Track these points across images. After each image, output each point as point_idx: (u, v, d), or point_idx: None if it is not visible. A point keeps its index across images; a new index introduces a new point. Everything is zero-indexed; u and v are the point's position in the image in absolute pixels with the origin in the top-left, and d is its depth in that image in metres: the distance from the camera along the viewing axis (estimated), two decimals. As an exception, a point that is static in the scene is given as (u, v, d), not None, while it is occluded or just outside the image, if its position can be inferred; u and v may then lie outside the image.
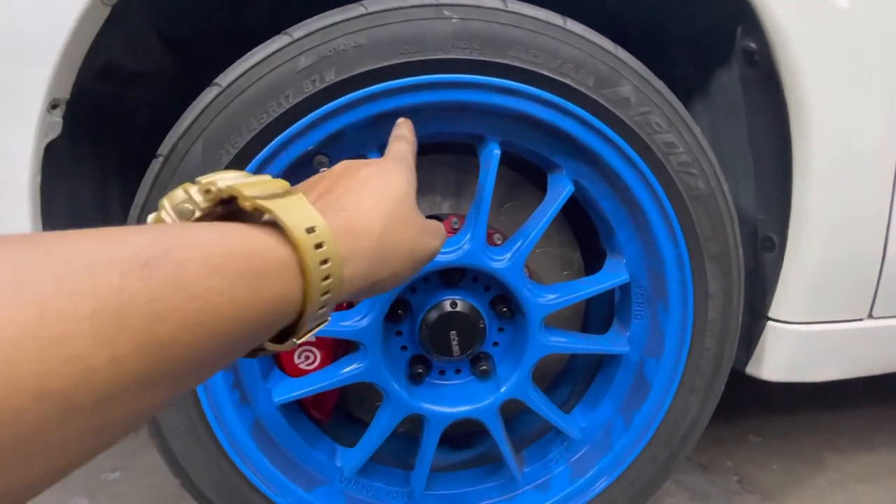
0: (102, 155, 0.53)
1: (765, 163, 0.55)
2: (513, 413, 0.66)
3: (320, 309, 0.21)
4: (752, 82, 0.52)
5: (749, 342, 0.61)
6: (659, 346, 0.53)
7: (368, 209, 0.25)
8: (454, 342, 0.51)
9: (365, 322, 0.48)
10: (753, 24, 0.48)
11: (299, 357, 0.54)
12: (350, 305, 0.51)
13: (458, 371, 0.56)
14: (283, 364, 0.54)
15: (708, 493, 0.90)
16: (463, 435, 0.66)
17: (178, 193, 0.20)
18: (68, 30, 0.43)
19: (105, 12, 0.44)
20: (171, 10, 0.53)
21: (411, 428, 0.60)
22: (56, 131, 0.46)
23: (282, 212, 0.20)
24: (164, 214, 0.20)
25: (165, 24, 0.54)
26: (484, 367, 0.55)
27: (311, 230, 0.21)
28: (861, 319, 0.58)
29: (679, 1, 0.53)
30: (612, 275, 0.52)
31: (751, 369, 0.62)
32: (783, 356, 0.59)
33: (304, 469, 0.54)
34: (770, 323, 0.59)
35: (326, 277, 0.21)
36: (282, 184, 0.23)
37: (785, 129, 0.51)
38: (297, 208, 0.21)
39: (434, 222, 0.31)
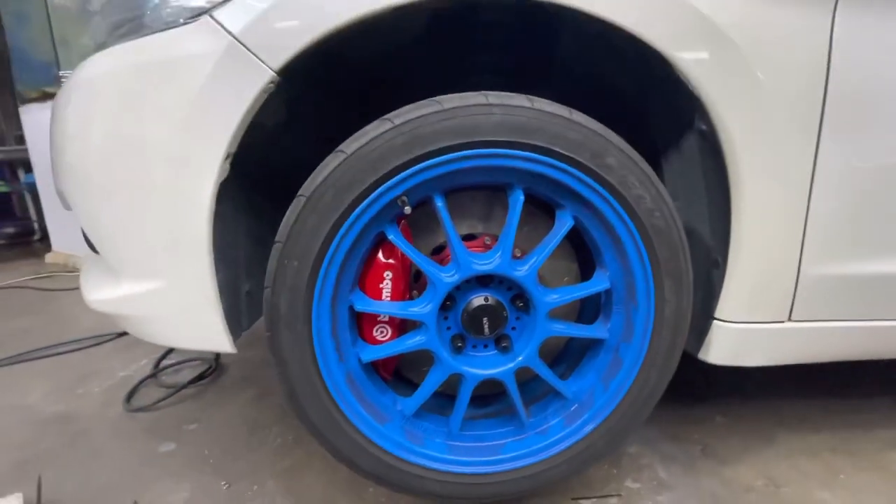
0: (254, 191, 0.76)
1: (714, 206, 0.76)
2: (523, 380, 0.88)
3: None
4: (706, 151, 0.73)
5: (701, 335, 0.83)
6: (630, 334, 0.75)
7: None
8: (485, 325, 0.74)
9: (428, 308, 0.71)
10: (705, 115, 0.68)
11: (376, 332, 0.77)
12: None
13: (486, 346, 0.79)
14: (365, 336, 0.77)
15: (675, 456, 1.11)
16: (486, 395, 0.89)
17: None
18: (246, 106, 0.65)
19: (265, 95, 0.66)
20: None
21: (448, 388, 0.83)
22: (225, 174, 0.69)
23: None
24: None
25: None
26: (505, 344, 0.78)
27: None
28: (783, 321, 0.80)
29: (659, 98, 0.75)
30: (598, 283, 0.75)
31: (701, 355, 0.84)
32: (724, 346, 0.81)
33: (376, 409, 0.77)
34: (715, 321, 0.80)
35: None
36: None
37: (726, 184, 0.72)
38: None
39: None
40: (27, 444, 1.18)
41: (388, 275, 0.74)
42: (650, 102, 0.80)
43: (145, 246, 0.71)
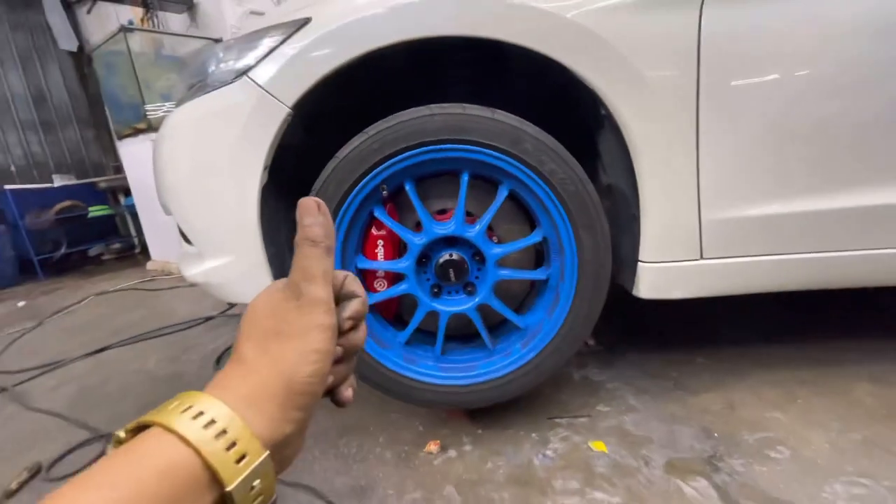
0: (289, 192, 1.08)
1: (627, 171, 0.97)
2: (494, 323, 1.14)
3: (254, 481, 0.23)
4: (613, 130, 0.94)
5: (633, 275, 1.03)
6: (564, 275, 0.98)
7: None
8: (452, 275, 1.00)
9: (407, 264, 0.99)
10: (603, 104, 0.90)
11: (376, 284, 1.06)
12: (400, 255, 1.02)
13: (456, 292, 1.06)
14: (368, 288, 1.07)
15: (648, 389, 1.30)
16: (467, 335, 1.15)
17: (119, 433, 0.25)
18: (274, 131, 0.96)
19: (285, 124, 0.97)
20: (309, 121, 1.06)
21: (431, 326, 1.10)
22: (265, 180, 1.01)
23: (160, 416, 0.23)
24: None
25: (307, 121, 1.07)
26: (470, 289, 1.04)
27: (200, 415, 0.23)
28: (696, 259, 0.98)
29: (570, 92, 0.96)
30: (532, 238, 0.99)
31: (635, 291, 1.04)
32: (649, 282, 1.01)
33: (380, 339, 1.07)
34: (640, 263, 1.00)
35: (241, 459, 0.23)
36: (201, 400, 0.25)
37: (629, 154, 0.92)
38: (186, 400, 0.25)
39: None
40: (149, 393, 1.61)
41: (380, 243, 1.02)
42: (575, 99, 1.01)
43: (218, 233, 1.05)
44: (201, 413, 0.25)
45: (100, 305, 2.90)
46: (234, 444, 0.24)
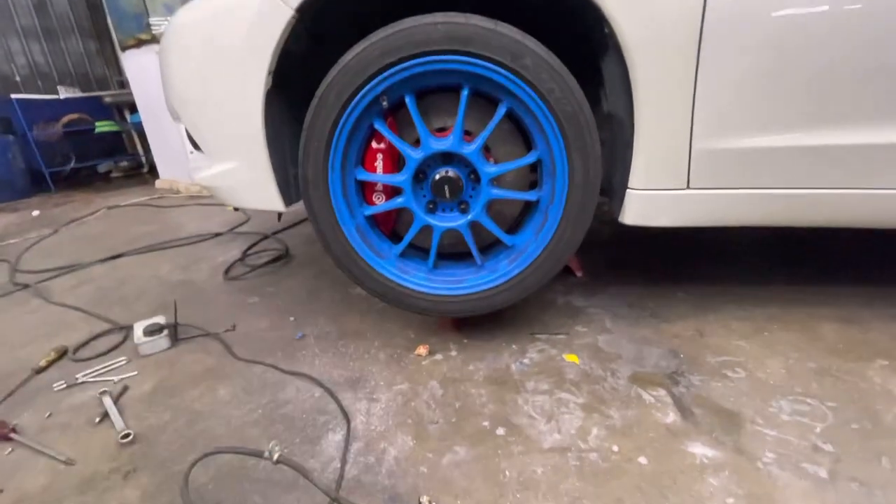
0: (286, 95, 1.10)
1: (626, 97, 0.97)
2: (487, 244, 1.20)
3: None
4: (615, 51, 0.93)
5: (621, 202, 1.07)
6: (554, 196, 1.02)
7: None
8: (447, 191, 1.04)
9: (404, 177, 1.03)
10: (608, 24, 0.89)
11: (375, 197, 1.11)
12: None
13: (451, 209, 1.11)
14: (367, 201, 1.12)
15: (625, 315, 1.38)
16: (460, 253, 1.22)
17: None
18: (278, 34, 0.96)
19: (292, 23, 0.97)
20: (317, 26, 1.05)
21: (424, 242, 1.16)
22: (269, 85, 1.03)
23: None
24: None
25: (313, 28, 1.06)
26: (463, 207, 1.09)
27: None
28: (683, 189, 1.01)
29: (579, 14, 0.94)
30: (527, 158, 1.01)
31: (620, 218, 1.08)
32: (635, 209, 1.05)
33: (378, 250, 1.14)
34: (629, 190, 1.04)
35: None
36: None
37: (629, 79, 0.93)
38: None
39: None
40: (163, 296, 1.73)
41: (379, 156, 1.06)
42: (586, 24, 0.99)
43: (225, 138, 1.09)
44: None
45: (112, 218, 3.00)
46: None
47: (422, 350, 1.22)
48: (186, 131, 1.21)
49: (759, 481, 0.81)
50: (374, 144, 1.06)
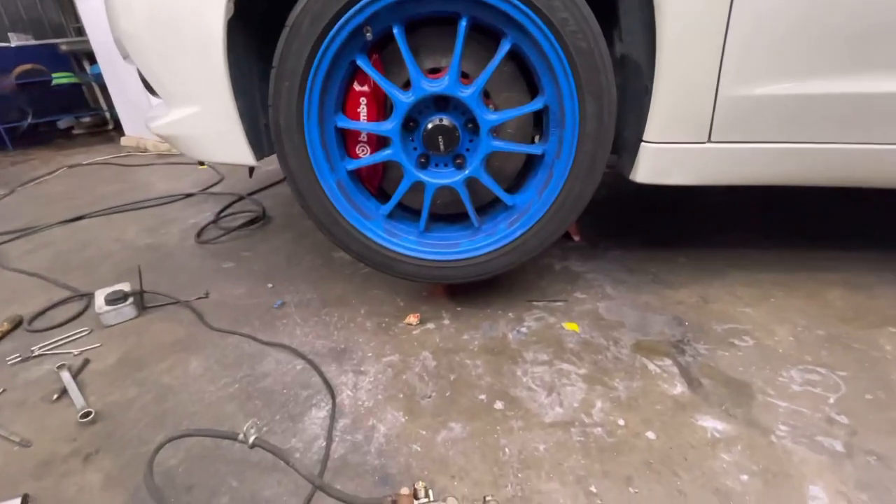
0: (252, 27, 0.94)
1: (647, 36, 0.85)
2: (484, 203, 1.09)
3: None
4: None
5: (632, 157, 0.96)
6: (561, 150, 0.91)
7: None
8: (441, 143, 0.92)
9: (392, 125, 0.90)
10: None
11: (358, 149, 0.99)
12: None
13: (445, 164, 0.99)
14: (350, 154, 0.99)
15: (626, 281, 1.31)
16: (453, 215, 1.11)
17: None
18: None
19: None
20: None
21: (415, 203, 1.04)
22: (231, 12, 0.87)
23: None
24: None
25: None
26: (459, 162, 0.97)
27: None
28: (703, 142, 0.91)
29: None
30: (533, 105, 0.89)
31: (632, 176, 0.98)
32: (649, 165, 0.95)
33: (363, 210, 1.02)
34: (643, 143, 0.93)
35: None
36: None
37: (653, 15, 0.80)
38: None
39: None
40: (128, 261, 1.59)
41: (363, 101, 0.92)
42: None
43: (182, 78, 0.93)
44: None
45: (73, 177, 2.78)
46: None
47: (412, 319, 1.13)
48: (139, 73, 1.04)
49: (773, 456, 0.76)
50: (356, 86, 0.92)
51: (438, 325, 1.12)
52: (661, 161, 0.93)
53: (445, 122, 0.91)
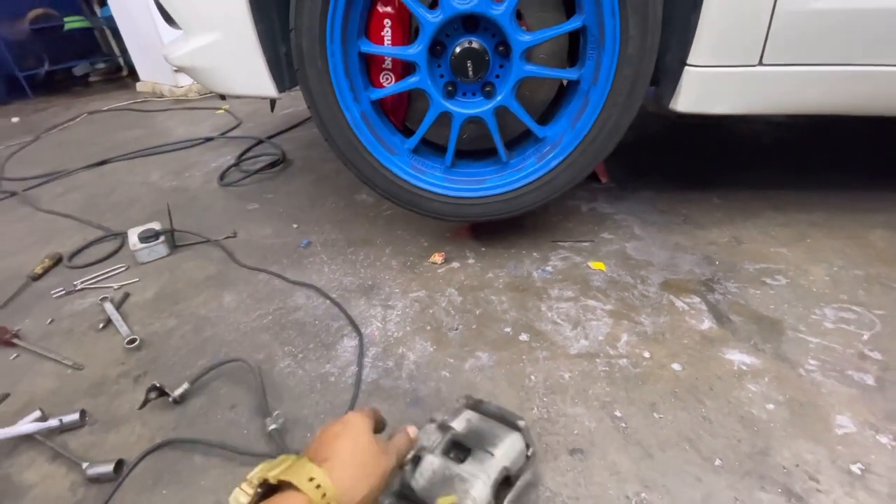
0: None
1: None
2: (512, 137, 1.05)
3: None
4: None
5: (674, 83, 0.90)
6: (598, 75, 0.86)
7: (343, 457, 0.44)
8: (469, 68, 0.88)
9: (419, 49, 0.85)
10: None
11: (382, 78, 0.95)
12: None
13: (473, 94, 0.94)
14: (374, 83, 0.95)
15: (655, 221, 1.27)
16: (479, 151, 1.07)
17: (237, 493, 0.40)
18: None
19: None
20: None
21: (441, 139, 1.01)
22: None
23: (293, 477, 0.39)
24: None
25: None
26: (489, 90, 0.92)
27: (312, 480, 0.39)
28: (753, 65, 0.84)
29: None
30: (571, 23, 0.83)
31: (671, 104, 0.92)
32: (692, 92, 0.88)
33: (388, 145, 1.00)
34: (687, 67, 0.87)
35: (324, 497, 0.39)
36: (294, 456, 0.42)
37: None
38: (303, 471, 0.39)
39: (390, 444, 0.51)
40: (155, 203, 1.61)
41: (387, 23, 0.87)
42: None
43: (201, 3, 0.89)
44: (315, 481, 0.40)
45: (94, 123, 2.78)
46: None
47: (437, 258, 1.13)
48: (156, 1, 1.00)
49: (801, 387, 0.76)
50: (379, 7, 0.86)
51: (463, 265, 1.12)
52: (706, 87, 0.87)
53: (475, 44, 0.86)
